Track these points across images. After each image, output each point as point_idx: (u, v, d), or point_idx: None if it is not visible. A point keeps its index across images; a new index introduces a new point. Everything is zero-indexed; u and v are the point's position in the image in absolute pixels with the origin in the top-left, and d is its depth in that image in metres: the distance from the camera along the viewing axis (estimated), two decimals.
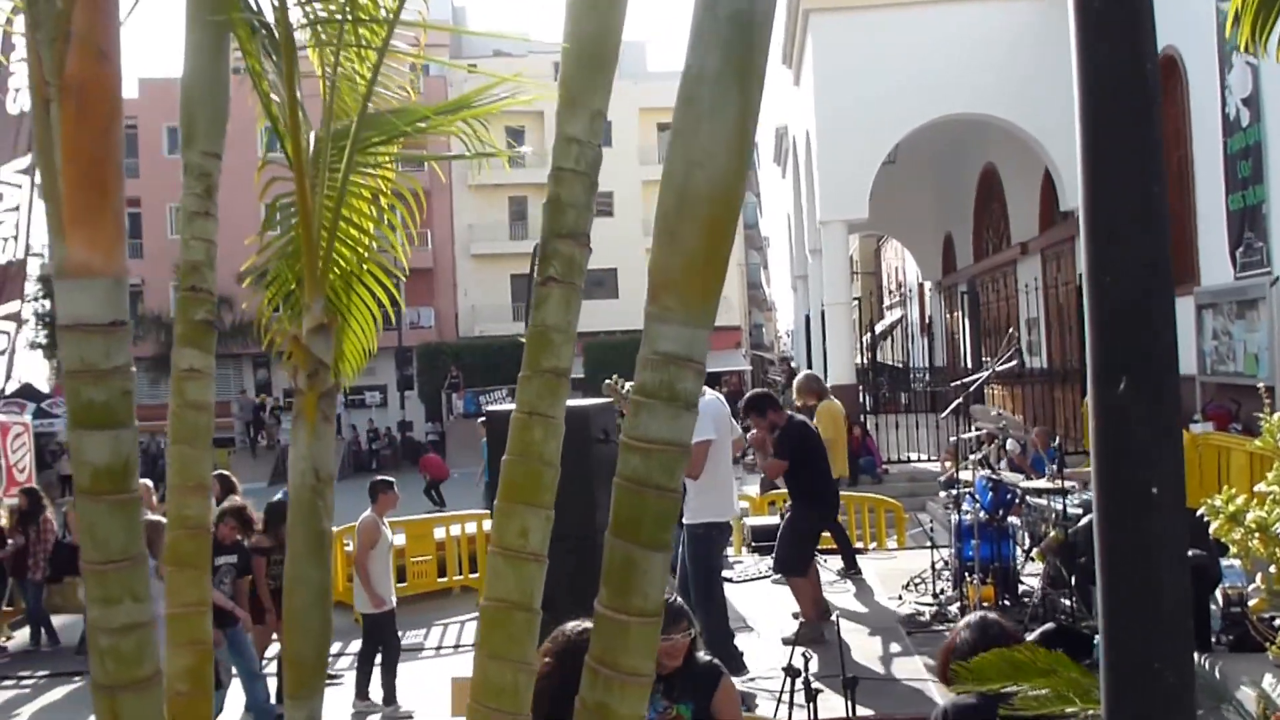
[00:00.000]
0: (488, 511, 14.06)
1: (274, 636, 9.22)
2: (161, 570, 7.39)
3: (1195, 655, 4.16)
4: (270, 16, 2.74)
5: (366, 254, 3.51)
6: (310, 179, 2.47)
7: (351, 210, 3.46)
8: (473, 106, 2.70)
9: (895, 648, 8.72)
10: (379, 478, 9.56)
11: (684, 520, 8.30)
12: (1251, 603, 6.74)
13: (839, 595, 10.50)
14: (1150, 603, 2.48)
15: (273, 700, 8.52)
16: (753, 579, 11.68)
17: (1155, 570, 2.48)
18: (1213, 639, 7.54)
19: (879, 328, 36.20)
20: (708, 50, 2.09)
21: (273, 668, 9.26)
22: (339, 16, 2.59)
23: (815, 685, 6.13)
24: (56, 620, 12.19)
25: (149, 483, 12.65)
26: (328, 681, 8.90)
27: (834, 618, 7.48)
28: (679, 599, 4.42)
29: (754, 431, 9.56)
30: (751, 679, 8.06)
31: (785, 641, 8.52)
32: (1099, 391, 2.53)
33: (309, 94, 3.05)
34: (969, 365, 23.00)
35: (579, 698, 2.20)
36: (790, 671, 6.34)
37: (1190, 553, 7.43)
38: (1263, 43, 3.97)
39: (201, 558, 2.80)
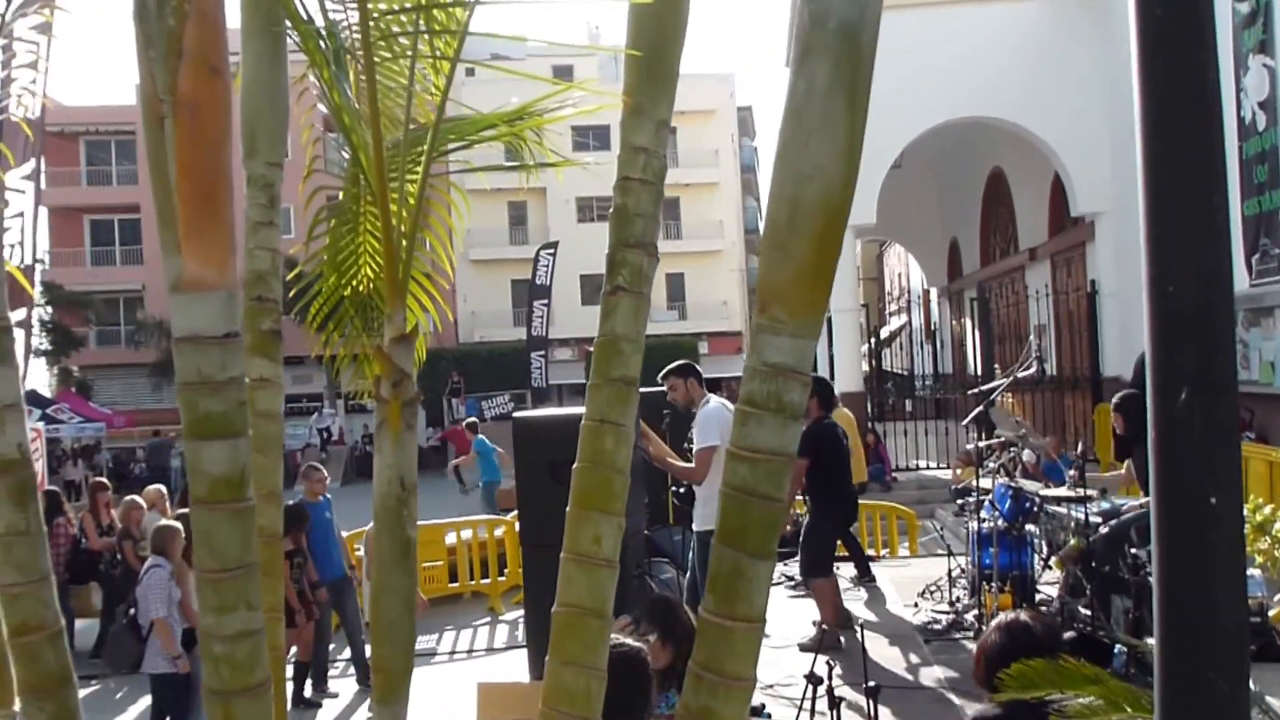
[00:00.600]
0: (499, 517, 14.13)
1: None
2: (180, 577, 7.46)
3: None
4: (323, 25, 2.80)
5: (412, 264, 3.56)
6: (386, 190, 2.51)
7: (401, 220, 3.51)
8: (540, 115, 2.75)
9: (914, 656, 8.75)
10: None
11: (694, 527, 8.37)
12: (1273, 613, 6.79)
13: (853, 603, 10.54)
14: (1207, 613, 2.52)
15: None
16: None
17: (1213, 581, 2.52)
18: None
19: (883, 334, 36.22)
20: (817, 64, 2.14)
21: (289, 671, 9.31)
22: (414, 28, 2.63)
23: (838, 693, 6.16)
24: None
25: (162, 488, 12.71)
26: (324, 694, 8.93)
27: (857, 625, 7.51)
28: (665, 597, 4.44)
29: None
30: (768, 686, 8.08)
31: (803, 648, 8.56)
32: (1159, 402, 2.57)
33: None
34: (978, 372, 23.03)
35: (681, 702, 2.24)
36: (812, 679, 6.36)
37: None
38: None
39: (274, 565, 2.85)
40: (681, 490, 9.12)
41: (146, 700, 8.17)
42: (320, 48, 2.55)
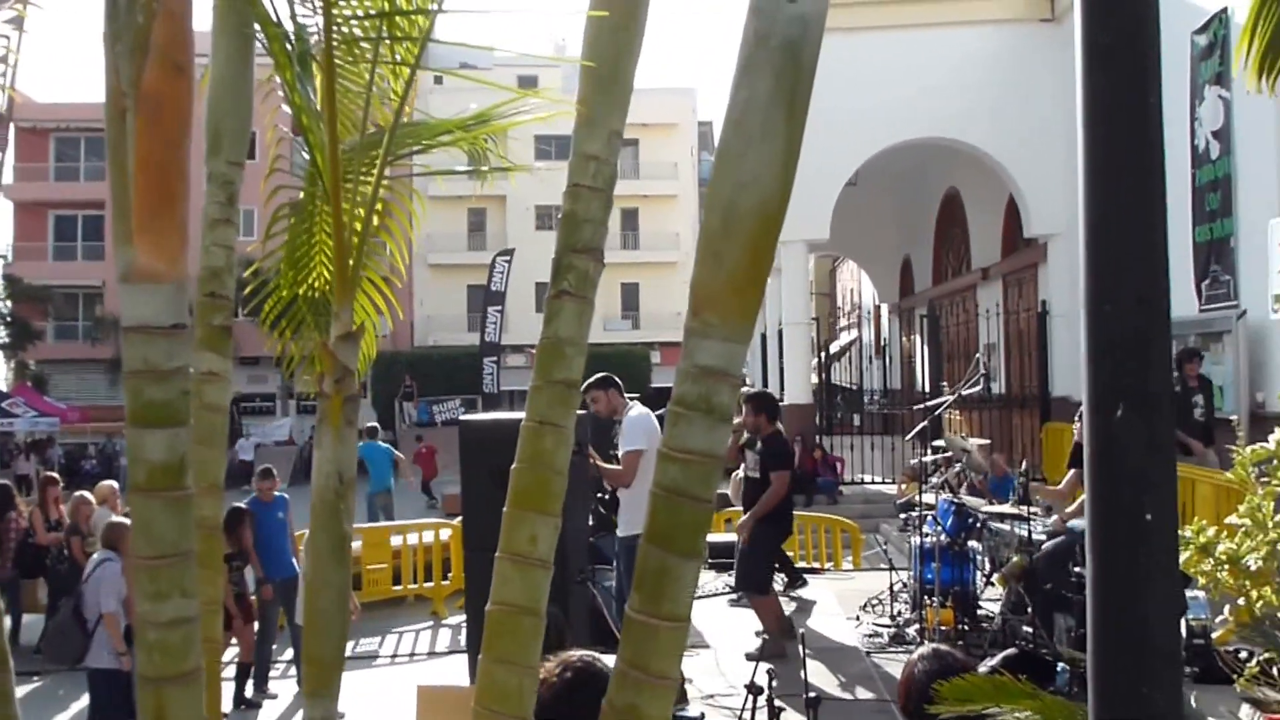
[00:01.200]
0: (446, 520, 14.09)
1: (232, 641, 9.24)
2: (128, 570, 7.39)
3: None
4: (291, 28, 2.83)
5: (366, 268, 3.59)
6: (340, 192, 2.54)
7: (354, 220, 3.54)
8: (496, 122, 2.80)
9: (855, 669, 8.84)
10: None
11: (619, 533, 8.48)
12: (1215, 634, 6.88)
13: (796, 615, 10.62)
14: (1141, 628, 2.58)
15: None
16: (710, 596, 11.77)
17: (1147, 596, 2.58)
18: None
19: (833, 348, 36.44)
20: (759, 77, 2.20)
21: (230, 671, 9.25)
22: (375, 34, 2.68)
23: (778, 703, 6.21)
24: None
25: (114, 484, 12.57)
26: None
27: (799, 635, 7.58)
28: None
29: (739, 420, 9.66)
30: (709, 696, 8.14)
31: (749, 657, 8.61)
32: (1095, 419, 2.64)
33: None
34: (926, 389, 23.26)
35: (607, 699, 2.28)
36: (753, 689, 6.42)
37: None
38: (1270, 82, 4.12)
39: (214, 558, 2.86)
40: (607, 497, 9.21)
41: (87, 698, 8.07)
42: (286, 50, 2.59)
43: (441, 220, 50.68)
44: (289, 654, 10.23)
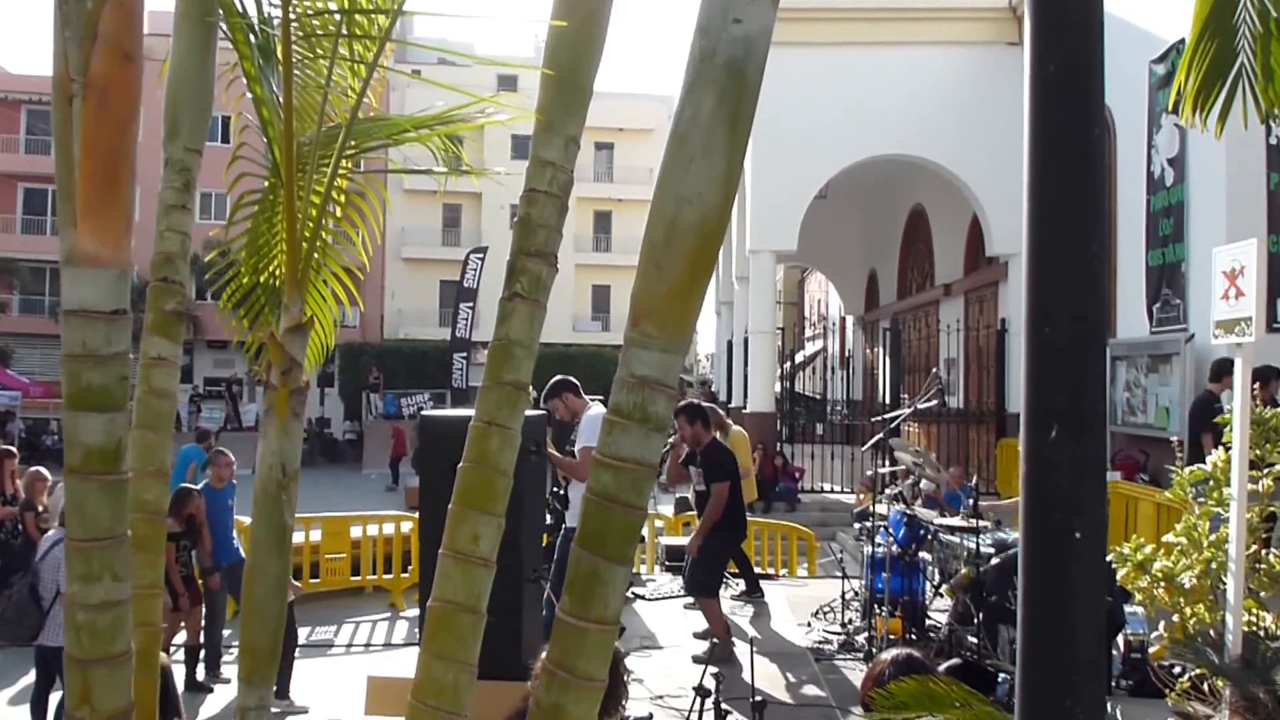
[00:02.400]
0: (406, 514, 14.03)
1: (180, 625, 9.17)
2: None
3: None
4: (255, 19, 2.82)
5: (325, 258, 3.58)
6: (295, 184, 2.53)
7: (309, 210, 3.53)
8: (454, 123, 2.79)
9: (803, 675, 8.86)
10: None
11: (566, 523, 8.53)
12: (1152, 650, 6.97)
13: (749, 620, 10.65)
14: (1067, 643, 2.62)
15: None
16: (665, 598, 11.79)
17: (1074, 613, 2.62)
18: (1113, 683, 7.80)
19: (799, 358, 36.57)
20: (703, 95, 2.21)
21: (181, 655, 9.18)
22: (335, 31, 2.67)
23: (724, 706, 6.23)
24: None
25: None
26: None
27: (747, 641, 7.62)
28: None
29: (676, 436, 9.73)
30: (658, 697, 8.14)
31: (696, 660, 8.63)
32: (1030, 437, 2.67)
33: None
34: (887, 401, 23.40)
35: (534, 699, 2.29)
36: (700, 691, 6.43)
37: None
38: (1203, 118, 4.18)
39: (157, 542, 2.84)
40: (562, 491, 9.23)
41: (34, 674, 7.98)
42: (248, 40, 2.58)
43: (415, 214, 50.51)
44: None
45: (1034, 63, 2.66)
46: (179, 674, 8.83)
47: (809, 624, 10.52)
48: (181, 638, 9.34)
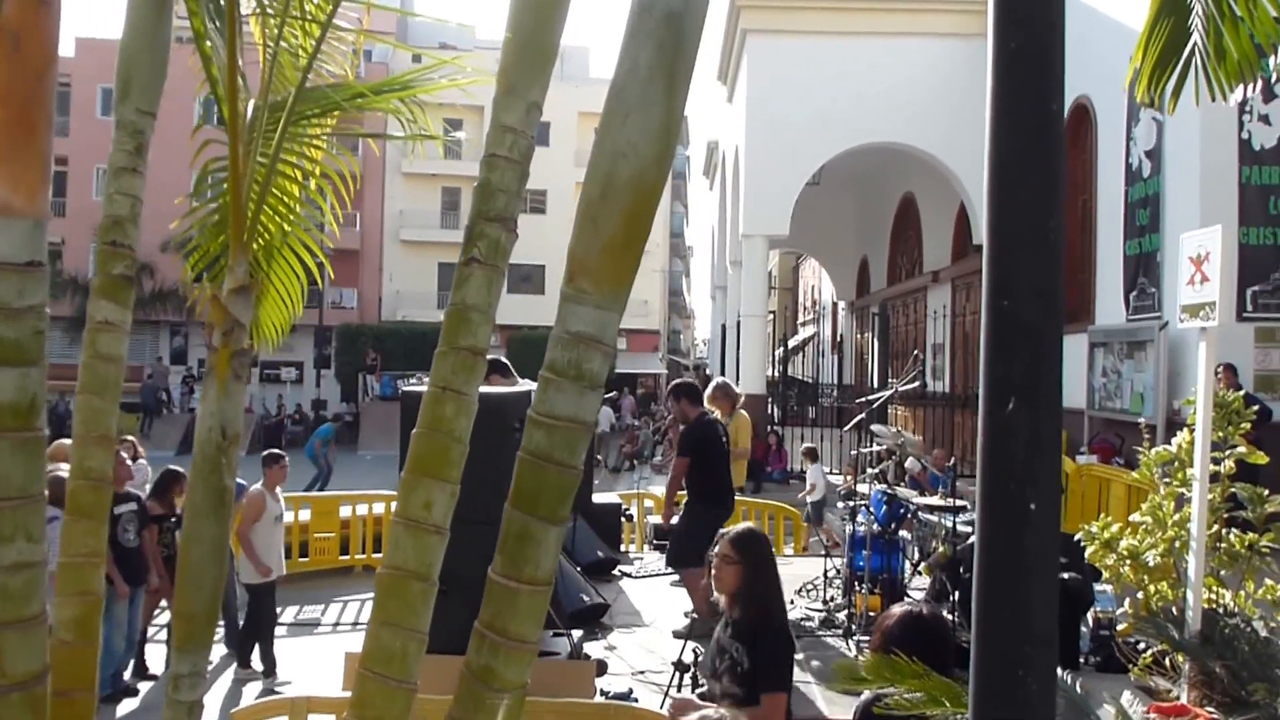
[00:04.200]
0: (393, 494, 13.96)
1: (162, 604, 9.11)
2: None
3: (1062, 672, 4.32)
4: None
5: (291, 227, 3.49)
6: (244, 145, 2.44)
7: (281, 182, 3.44)
8: (408, 88, 2.69)
9: None
10: (271, 451, 9.53)
11: None
12: (1120, 627, 6.95)
13: None
14: (1021, 614, 2.57)
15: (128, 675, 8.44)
16: (651, 575, 11.75)
17: (1028, 584, 2.57)
18: (1081, 659, 7.77)
19: (792, 342, 36.57)
20: (640, 47, 2.12)
21: (164, 635, 9.12)
22: None
23: (702, 680, 6.18)
24: None
25: (68, 443, 12.35)
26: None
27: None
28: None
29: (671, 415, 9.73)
30: (640, 672, 8.10)
31: (676, 635, 8.59)
32: (988, 410, 2.62)
33: (253, 62, 3.03)
34: (875, 384, 23.36)
35: (465, 661, 2.21)
36: (679, 666, 6.39)
37: (1066, 575, 7.67)
38: (1157, 94, 4.13)
39: (100, 509, 2.75)
40: None
41: None
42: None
43: (414, 197, 50.36)
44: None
45: (996, 39, 2.61)
46: (159, 653, 8.81)
47: (792, 601, 10.46)
48: (165, 617, 9.29)
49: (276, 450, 9.63)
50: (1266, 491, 5.69)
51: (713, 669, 4.47)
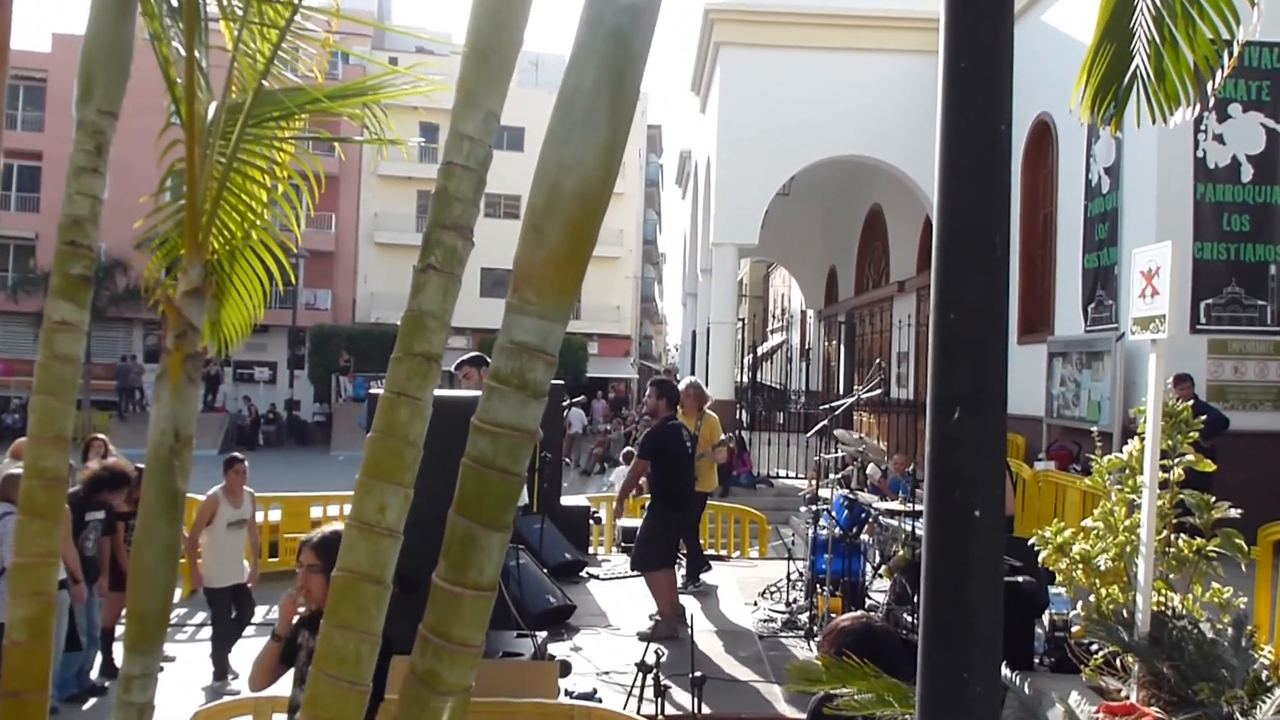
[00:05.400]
0: None
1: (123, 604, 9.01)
2: None
3: (1014, 674, 4.36)
4: None
5: (253, 228, 3.47)
6: (203, 146, 2.42)
7: (242, 183, 3.42)
8: (366, 94, 2.68)
9: (746, 651, 8.84)
10: (230, 455, 9.43)
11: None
12: (1074, 629, 7.01)
13: (699, 598, 10.61)
14: (965, 617, 2.59)
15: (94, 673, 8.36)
16: (618, 577, 11.74)
17: (972, 588, 2.60)
18: (1036, 660, 7.83)
19: (762, 349, 36.63)
20: (586, 63, 2.13)
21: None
22: None
23: (665, 681, 6.19)
24: None
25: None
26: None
27: (688, 619, 7.58)
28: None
29: (637, 460, 9.82)
30: (604, 673, 8.10)
31: (641, 637, 8.59)
32: (935, 419, 2.65)
33: (219, 65, 3.01)
34: (841, 391, 23.48)
35: (410, 664, 2.20)
36: (643, 667, 6.39)
37: (1021, 579, 7.72)
38: (1100, 116, 4.19)
39: (55, 509, 2.71)
40: None
41: None
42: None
43: (390, 200, 50.11)
44: (199, 617, 10.04)
45: (946, 59, 2.65)
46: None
47: (755, 603, 10.51)
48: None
49: (236, 454, 9.51)
50: (1213, 499, 5.77)
51: (301, 677, 4.31)
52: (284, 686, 7.03)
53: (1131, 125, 4.40)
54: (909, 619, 8.67)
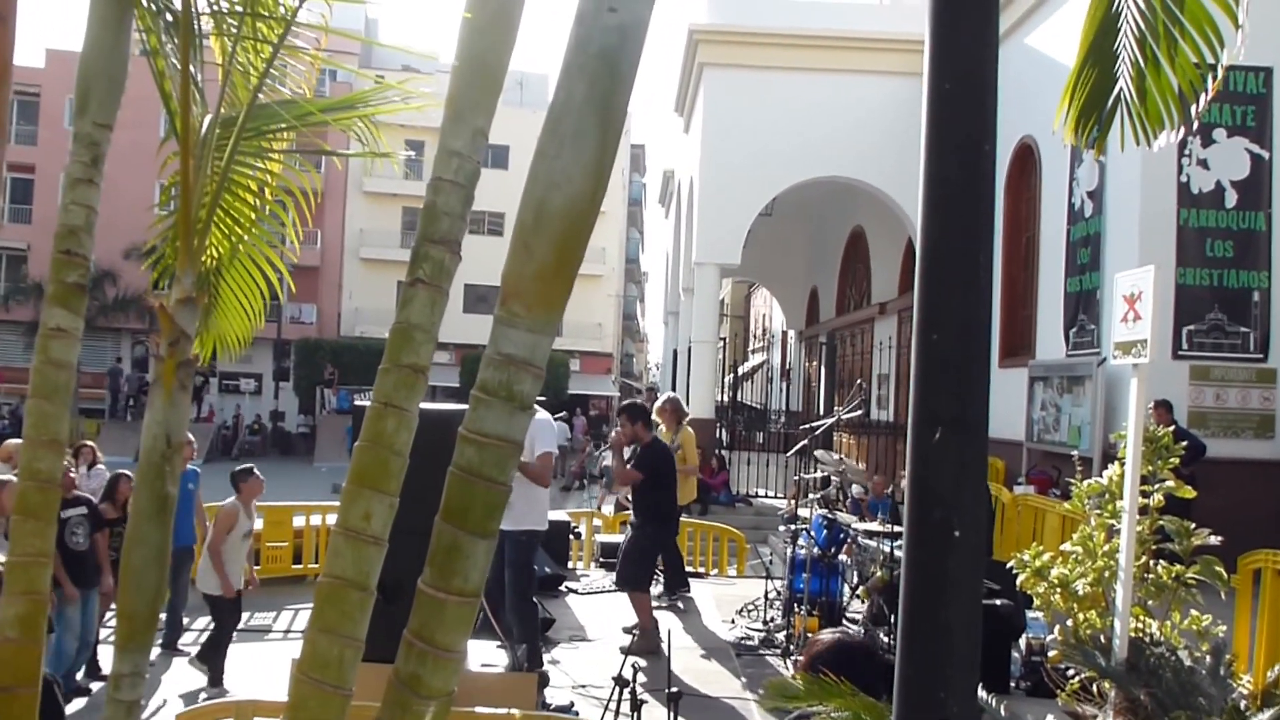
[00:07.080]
0: None
1: (113, 606, 8.97)
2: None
3: (990, 696, 4.38)
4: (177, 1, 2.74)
5: (245, 241, 3.50)
6: (197, 157, 2.46)
7: (234, 196, 3.45)
8: (354, 108, 2.72)
9: (723, 668, 8.86)
10: (242, 466, 9.43)
11: (508, 527, 8.41)
12: (1051, 654, 7.03)
13: (676, 616, 10.63)
14: (943, 636, 2.61)
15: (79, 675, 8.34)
16: (597, 592, 11.75)
17: (950, 607, 2.62)
18: (1012, 684, 7.85)
19: (743, 369, 36.71)
20: (575, 82, 2.17)
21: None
22: (239, 8, 2.59)
23: (641, 696, 6.20)
24: None
25: (19, 442, 12.14)
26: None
27: (664, 635, 7.60)
28: None
29: (616, 432, 9.73)
30: (581, 686, 8.11)
31: (623, 651, 8.61)
32: (916, 438, 2.67)
33: (213, 79, 3.04)
34: (821, 411, 23.54)
35: (393, 669, 2.23)
36: (619, 682, 6.40)
37: (999, 602, 7.75)
38: (1084, 139, 4.24)
39: (48, 510, 2.74)
40: None
41: None
42: (151, 11, 2.50)
43: (375, 216, 50.12)
44: (200, 621, 9.99)
45: (931, 81, 2.68)
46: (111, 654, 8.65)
47: (733, 621, 10.53)
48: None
49: (249, 465, 9.52)
50: (1193, 525, 5.79)
51: None
52: (266, 688, 7.05)
53: (1115, 149, 4.44)
54: (886, 639, 8.70)
